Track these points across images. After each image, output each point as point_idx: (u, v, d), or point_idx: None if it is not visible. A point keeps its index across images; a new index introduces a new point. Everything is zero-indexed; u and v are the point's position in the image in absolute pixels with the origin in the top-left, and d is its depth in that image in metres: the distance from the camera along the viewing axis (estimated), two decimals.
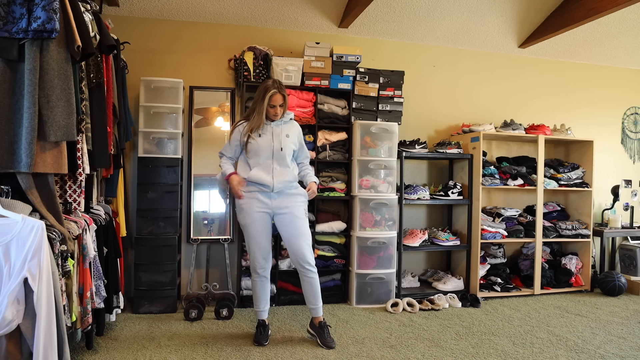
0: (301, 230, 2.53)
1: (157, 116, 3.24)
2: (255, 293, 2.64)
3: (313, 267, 2.56)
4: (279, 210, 2.54)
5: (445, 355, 2.43)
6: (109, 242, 2.53)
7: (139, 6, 3.33)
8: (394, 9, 3.49)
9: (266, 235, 2.57)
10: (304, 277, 2.57)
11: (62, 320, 1.62)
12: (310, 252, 2.56)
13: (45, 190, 1.81)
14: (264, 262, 2.58)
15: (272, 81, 2.54)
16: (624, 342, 2.67)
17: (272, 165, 2.53)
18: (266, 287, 2.64)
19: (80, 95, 2.01)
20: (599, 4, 3.22)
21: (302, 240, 2.53)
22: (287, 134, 2.58)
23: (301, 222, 2.54)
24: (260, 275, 2.60)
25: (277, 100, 2.51)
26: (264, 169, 2.52)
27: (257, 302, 2.64)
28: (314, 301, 2.60)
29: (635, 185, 4.60)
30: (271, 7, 3.43)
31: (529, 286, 3.81)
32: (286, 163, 2.57)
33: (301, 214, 2.57)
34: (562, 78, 4.44)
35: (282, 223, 2.55)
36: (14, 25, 1.66)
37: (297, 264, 2.56)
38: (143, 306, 3.10)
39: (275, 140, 2.54)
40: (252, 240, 2.55)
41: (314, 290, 2.58)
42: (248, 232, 2.56)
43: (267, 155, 2.53)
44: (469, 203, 3.72)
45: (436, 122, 4.09)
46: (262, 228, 2.54)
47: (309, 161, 2.80)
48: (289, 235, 2.54)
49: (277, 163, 2.54)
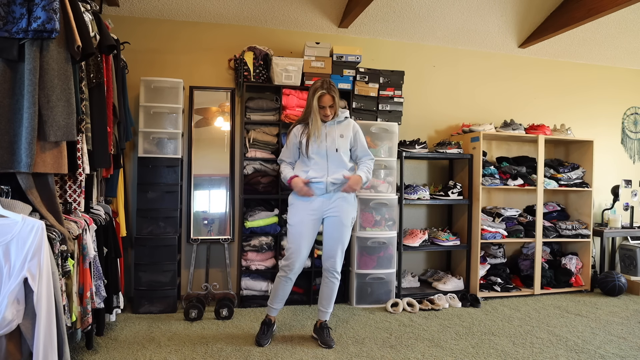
0: (342, 238, 2.57)
1: (157, 116, 3.24)
2: (275, 290, 2.61)
3: (339, 275, 2.63)
4: (329, 212, 2.56)
5: (445, 355, 2.43)
6: (109, 242, 2.53)
7: (139, 6, 3.33)
8: (394, 9, 3.49)
9: (309, 240, 2.57)
10: (327, 280, 2.63)
11: (62, 320, 1.62)
12: (341, 260, 2.62)
13: (45, 190, 1.81)
14: (298, 265, 2.56)
15: (321, 82, 2.53)
16: (624, 342, 2.67)
17: (328, 167, 2.53)
18: (288, 288, 2.62)
19: (80, 95, 2.01)
20: (599, 4, 3.22)
21: (340, 247, 2.57)
22: (341, 134, 2.58)
23: (345, 230, 2.58)
24: (287, 277, 2.57)
25: (326, 101, 2.50)
26: (319, 172, 2.53)
27: (274, 299, 2.62)
28: (326, 304, 2.63)
29: (635, 185, 4.60)
30: (271, 7, 3.43)
31: (529, 286, 3.81)
32: (343, 164, 2.57)
33: (348, 222, 2.58)
34: (562, 78, 4.44)
35: (328, 225, 2.58)
36: (14, 25, 1.66)
37: (326, 267, 2.61)
38: (143, 306, 3.09)
39: (329, 141, 2.54)
40: (295, 241, 2.55)
41: (330, 294, 2.63)
42: (292, 232, 2.56)
43: (322, 157, 2.53)
44: (469, 203, 3.72)
45: (436, 122, 4.09)
46: (308, 232, 2.54)
47: (369, 158, 2.71)
48: (329, 239, 2.57)
49: (332, 164, 2.54)
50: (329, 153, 2.53)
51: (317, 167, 2.53)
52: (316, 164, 2.53)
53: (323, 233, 2.62)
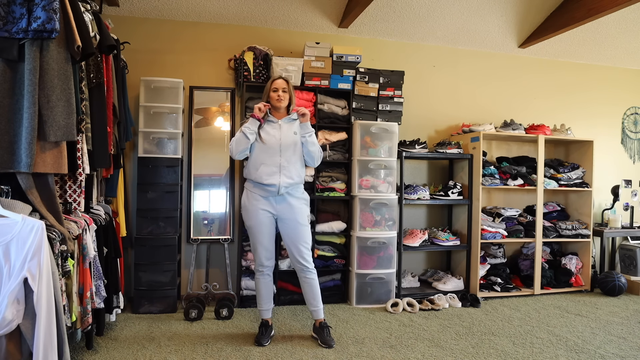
0: (302, 237, 2.57)
1: (157, 116, 3.24)
2: (258, 292, 2.65)
3: (312, 268, 2.60)
4: (282, 214, 2.56)
5: (445, 355, 2.43)
6: (109, 242, 2.53)
7: (139, 6, 3.33)
8: (394, 9, 3.49)
9: (270, 236, 2.59)
10: (303, 278, 2.60)
11: (62, 320, 1.62)
12: (309, 254, 2.60)
13: (45, 190, 1.81)
14: (267, 261, 2.61)
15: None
16: (624, 342, 2.67)
17: (280, 163, 2.53)
18: (269, 285, 2.66)
19: (80, 95, 2.01)
20: (599, 4, 3.22)
21: (302, 245, 2.57)
22: (294, 132, 2.59)
23: (304, 229, 2.58)
24: (264, 274, 2.62)
25: (278, 83, 2.57)
26: (270, 168, 2.52)
27: (260, 300, 2.65)
28: (314, 302, 2.62)
29: (635, 185, 4.60)
30: (271, 7, 3.43)
31: (529, 286, 3.81)
32: (294, 161, 2.56)
33: (304, 221, 2.59)
34: (562, 78, 4.44)
35: (285, 227, 2.58)
36: (14, 25, 1.66)
37: (296, 265, 2.60)
38: (143, 306, 3.09)
39: (283, 137, 2.55)
40: (257, 240, 2.58)
41: (313, 291, 2.60)
42: (252, 233, 2.58)
43: (274, 151, 2.53)
44: (469, 203, 3.72)
45: (436, 122, 4.09)
46: (266, 230, 2.56)
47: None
48: (290, 241, 2.58)
49: (285, 160, 2.53)
50: (282, 147, 2.54)
51: (268, 164, 2.53)
52: (267, 161, 2.54)
53: (282, 237, 2.61)
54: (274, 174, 2.50)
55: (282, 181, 2.50)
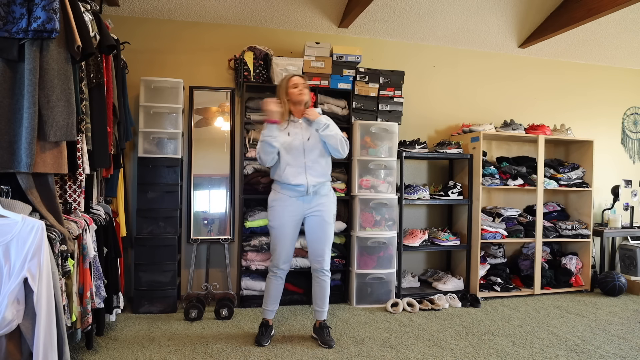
0: (327, 236, 2.58)
1: (157, 116, 3.24)
2: (267, 291, 2.63)
3: (328, 270, 2.62)
4: (310, 212, 2.56)
5: (445, 355, 2.43)
6: (109, 242, 2.53)
7: (139, 6, 3.33)
8: (394, 9, 3.49)
9: (292, 239, 2.58)
10: (317, 278, 2.62)
11: (62, 320, 1.62)
12: (329, 255, 2.62)
13: (45, 190, 1.81)
14: (284, 264, 2.60)
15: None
16: (624, 342, 2.67)
17: (305, 163, 2.52)
18: (279, 288, 2.64)
19: (80, 95, 2.01)
20: (599, 4, 3.22)
21: (326, 245, 2.58)
22: (316, 129, 2.57)
23: (329, 227, 2.58)
24: (277, 276, 2.61)
25: (297, 79, 2.57)
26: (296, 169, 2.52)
27: (267, 300, 2.63)
28: (320, 304, 2.63)
29: (635, 185, 4.60)
30: (271, 7, 3.43)
31: (529, 286, 3.81)
32: (319, 159, 2.56)
33: (331, 219, 2.59)
34: (562, 78, 4.44)
35: (311, 225, 2.58)
36: (14, 25, 1.66)
37: (315, 267, 2.61)
38: (143, 306, 3.09)
39: (304, 136, 2.55)
40: (278, 242, 2.56)
41: (323, 293, 2.62)
42: (275, 234, 2.57)
43: (298, 152, 2.53)
44: (469, 203, 3.72)
45: (436, 122, 4.09)
46: (289, 232, 2.56)
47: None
48: (315, 240, 2.58)
49: (309, 160, 2.53)
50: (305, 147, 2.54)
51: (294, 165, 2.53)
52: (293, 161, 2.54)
53: (306, 233, 2.61)
54: (299, 175, 2.50)
55: (309, 181, 2.50)
